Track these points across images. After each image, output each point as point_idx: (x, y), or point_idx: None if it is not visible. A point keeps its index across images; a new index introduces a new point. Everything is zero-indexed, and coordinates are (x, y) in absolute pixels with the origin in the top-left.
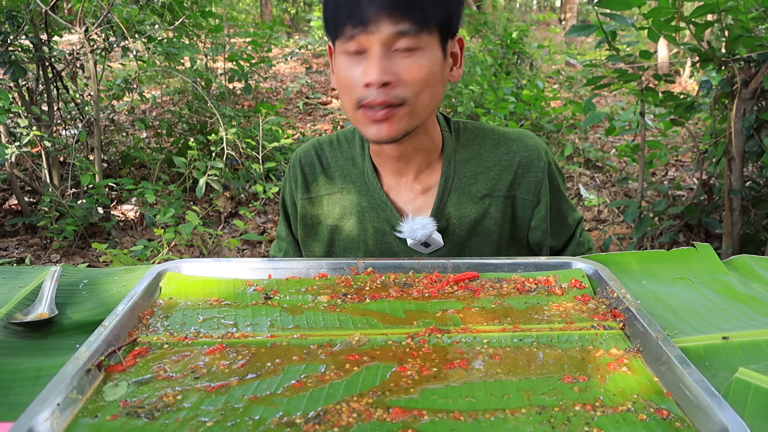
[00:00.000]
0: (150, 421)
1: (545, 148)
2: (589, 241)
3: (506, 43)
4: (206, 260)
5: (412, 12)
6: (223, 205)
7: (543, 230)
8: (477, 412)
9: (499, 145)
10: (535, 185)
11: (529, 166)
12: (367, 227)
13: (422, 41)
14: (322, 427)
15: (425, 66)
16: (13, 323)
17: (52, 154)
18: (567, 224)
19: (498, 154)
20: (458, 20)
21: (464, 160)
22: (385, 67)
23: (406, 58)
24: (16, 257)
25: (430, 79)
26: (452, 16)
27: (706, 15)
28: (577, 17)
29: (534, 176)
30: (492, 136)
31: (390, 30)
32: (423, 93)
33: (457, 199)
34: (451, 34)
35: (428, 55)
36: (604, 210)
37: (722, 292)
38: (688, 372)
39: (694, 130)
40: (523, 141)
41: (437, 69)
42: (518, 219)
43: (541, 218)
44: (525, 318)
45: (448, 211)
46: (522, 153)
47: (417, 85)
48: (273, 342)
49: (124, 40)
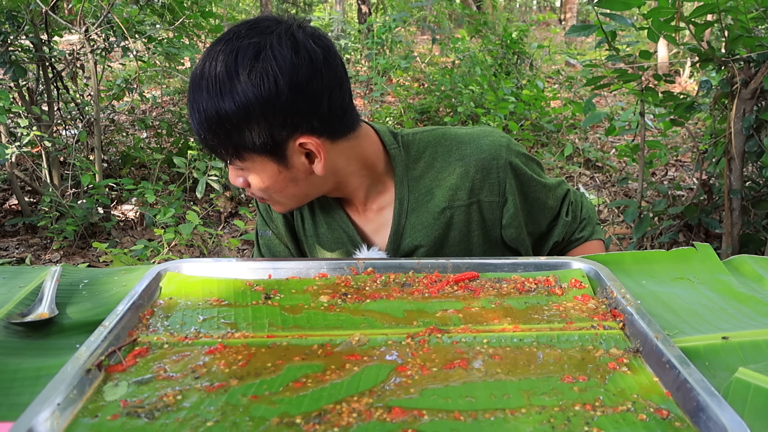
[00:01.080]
0: (150, 421)
1: (504, 143)
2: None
3: (506, 43)
4: (206, 260)
5: (212, 150)
6: (223, 205)
7: (516, 227)
8: (477, 412)
9: (451, 152)
10: (498, 186)
11: (488, 168)
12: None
13: (243, 164)
14: (322, 427)
15: (256, 182)
16: (13, 323)
17: (52, 154)
18: (547, 207)
19: (451, 161)
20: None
21: (417, 176)
22: (234, 175)
23: (246, 171)
24: (16, 257)
25: (274, 186)
26: (263, 136)
27: (706, 15)
28: (577, 17)
29: (495, 177)
30: (444, 143)
31: (221, 157)
32: (276, 195)
33: (416, 219)
34: (279, 145)
35: (258, 171)
36: (604, 210)
37: (722, 292)
38: (688, 372)
39: (694, 130)
40: (477, 143)
41: (275, 179)
42: (487, 221)
43: (511, 216)
44: (525, 318)
45: (409, 234)
46: (477, 156)
47: (264, 191)
48: (273, 342)
49: (124, 40)
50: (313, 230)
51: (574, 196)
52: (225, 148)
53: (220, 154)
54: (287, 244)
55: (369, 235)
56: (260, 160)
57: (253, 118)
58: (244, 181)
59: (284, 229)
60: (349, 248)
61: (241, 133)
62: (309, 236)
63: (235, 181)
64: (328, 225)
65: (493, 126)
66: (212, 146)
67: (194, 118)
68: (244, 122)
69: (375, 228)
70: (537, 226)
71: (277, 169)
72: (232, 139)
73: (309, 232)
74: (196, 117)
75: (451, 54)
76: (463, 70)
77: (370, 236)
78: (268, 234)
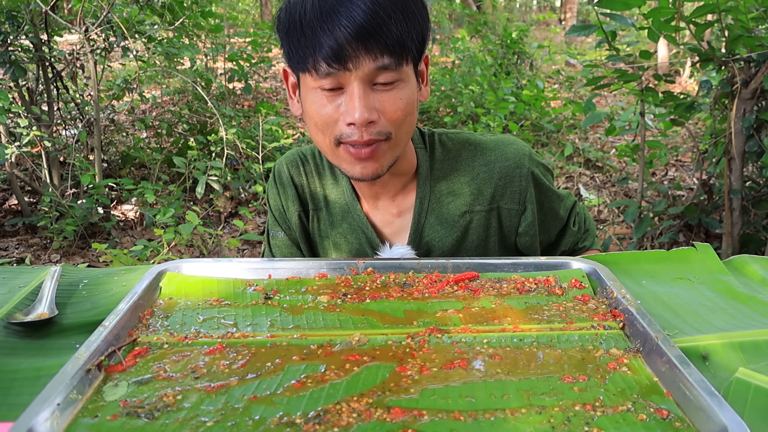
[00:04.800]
0: (150, 421)
1: (527, 152)
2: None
3: (506, 43)
4: (206, 260)
5: (392, 45)
6: (223, 205)
7: (531, 235)
8: (477, 412)
9: (476, 157)
10: (519, 194)
11: (511, 176)
12: (352, 247)
13: (402, 73)
14: (322, 427)
15: (404, 97)
16: (13, 323)
17: (52, 154)
18: (558, 217)
19: (475, 166)
20: (427, 41)
21: (440, 177)
22: (368, 105)
23: (387, 92)
24: (16, 257)
25: (410, 108)
26: (425, 40)
27: (706, 15)
28: (577, 17)
29: (517, 186)
30: (468, 148)
31: (370, 66)
32: (404, 124)
33: (435, 221)
34: (421, 55)
35: (407, 85)
36: (604, 210)
37: (722, 292)
38: (688, 372)
39: (694, 130)
40: (501, 150)
41: (414, 97)
42: (504, 228)
43: (528, 224)
44: (525, 318)
45: (427, 235)
46: (501, 163)
47: (399, 118)
48: (273, 342)
49: (124, 40)
50: (329, 230)
51: (580, 208)
52: (412, 37)
53: (398, 50)
54: (300, 245)
55: (388, 238)
56: (410, 72)
57: (426, 12)
58: (377, 113)
59: (298, 229)
60: (367, 249)
61: (424, 22)
62: (324, 237)
63: (369, 115)
64: (348, 225)
65: (493, 126)
66: (398, 38)
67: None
68: (425, 11)
69: (394, 231)
70: (547, 236)
71: (416, 84)
72: (418, 25)
73: (325, 233)
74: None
75: (451, 54)
76: (463, 70)
77: (390, 238)
78: (280, 235)
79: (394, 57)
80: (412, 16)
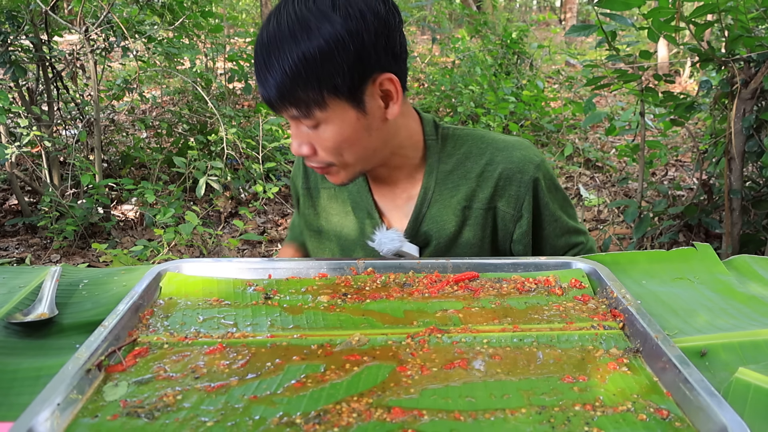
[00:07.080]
0: (150, 421)
1: (536, 161)
2: None
3: (506, 43)
4: (206, 260)
5: (293, 103)
6: (223, 205)
7: (525, 245)
8: (477, 412)
9: (483, 155)
10: (516, 200)
11: (511, 179)
12: (359, 229)
13: (323, 114)
14: (322, 427)
15: (332, 135)
16: (13, 323)
17: (52, 154)
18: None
19: (481, 164)
20: (369, 66)
21: (447, 170)
22: (300, 142)
23: (314, 130)
24: (16, 257)
25: (345, 143)
26: (349, 76)
27: (706, 15)
28: (577, 17)
29: (515, 190)
30: (479, 145)
31: (289, 114)
32: (345, 154)
33: (437, 211)
34: (360, 86)
35: (335, 122)
36: (604, 210)
37: (722, 292)
38: (688, 372)
39: (694, 130)
40: (509, 152)
41: (351, 130)
42: (500, 231)
43: (522, 233)
44: (525, 318)
45: (427, 224)
46: (505, 165)
47: (333, 150)
48: (273, 342)
49: (124, 40)
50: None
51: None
52: (310, 96)
53: (302, 106)
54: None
55: (390, 222)
56: (341, 107)
57: (341, 54)
58: (310, 147)
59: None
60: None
61: (327, 75)
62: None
63: (300, 150)
64: (354, 202)
65: (493, 126)
66: (295, 100)
67: (275, 75)
68: (331, 61)
69: (397, 216)
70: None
71: (356, 115)
72: (319, 82)
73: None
74: (278, 72)
75: (451, 54)
76: (463, 70)
77: (392, 223)
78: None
79: (299, 110)
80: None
